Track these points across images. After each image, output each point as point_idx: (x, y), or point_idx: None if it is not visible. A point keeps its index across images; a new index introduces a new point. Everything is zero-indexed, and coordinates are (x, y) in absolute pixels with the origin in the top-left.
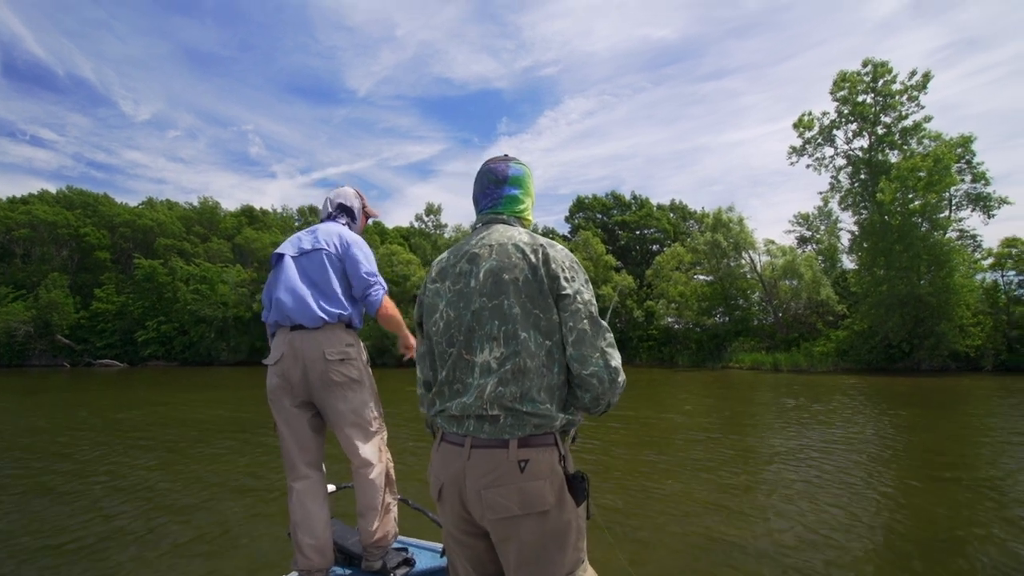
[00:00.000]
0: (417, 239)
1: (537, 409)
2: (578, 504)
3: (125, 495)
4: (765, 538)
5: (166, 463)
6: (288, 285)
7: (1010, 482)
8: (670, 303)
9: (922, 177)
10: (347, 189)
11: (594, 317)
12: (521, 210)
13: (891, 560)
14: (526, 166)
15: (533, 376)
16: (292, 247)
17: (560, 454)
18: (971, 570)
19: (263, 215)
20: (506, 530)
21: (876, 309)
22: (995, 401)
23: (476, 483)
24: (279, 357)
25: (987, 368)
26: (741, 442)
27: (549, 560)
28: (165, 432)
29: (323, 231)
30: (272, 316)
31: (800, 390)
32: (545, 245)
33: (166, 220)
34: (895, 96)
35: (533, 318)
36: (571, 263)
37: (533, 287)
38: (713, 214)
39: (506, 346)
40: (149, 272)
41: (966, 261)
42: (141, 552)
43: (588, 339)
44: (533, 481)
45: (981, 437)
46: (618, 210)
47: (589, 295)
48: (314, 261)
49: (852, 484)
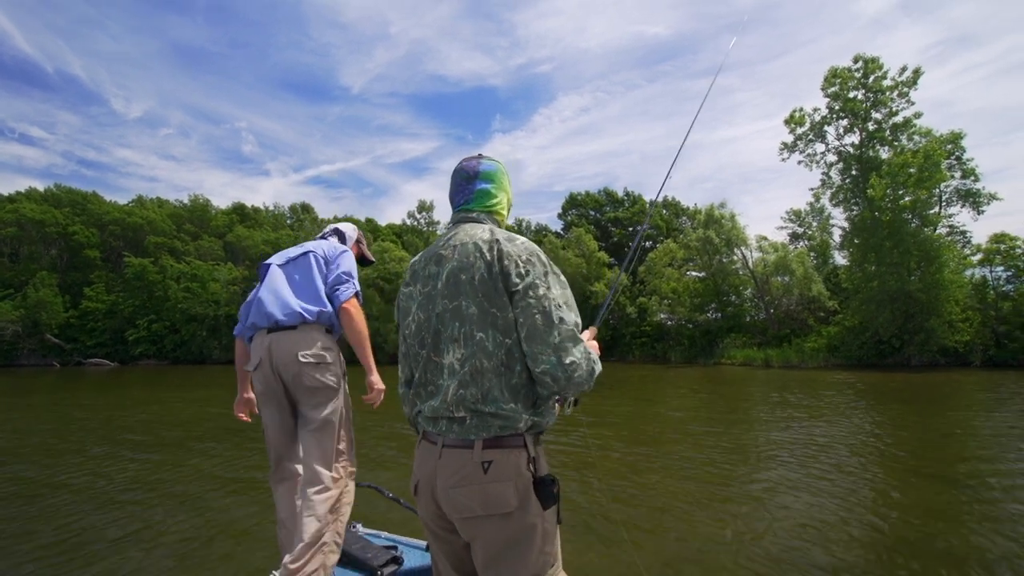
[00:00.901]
0: (410, 236)
1: (499, 410)
2: (545, 508)
3: (121, 494)
4: (750, 534)
5: (162, 462)
6: (271, 286)
7: (995, 479)
8: (663, 300)
9: (912, 173)
10: (347, 223)
11: (547, 312)
12: (492, 204)
13: (875, 556)
14: (500, 163)
15: (491, 376)
16: (279, 257)
17: (529, 456)
18: (955, 566)
19: (255, 213)
20: (471, 530)
21: (867, 305)
22: (983, 396)
23: (445, 482)
24: (258, 362)
25: (975, 363)
26: (730, 438)
27: (512, 562)
28: (164, 431)
29: (312, 243)
30: (251, 319)
31: (791, 386)
32: (502, 240)
33: (156, 218)
34: (886, 92)
35: (491, 317)
36: (528, 256)
37: (489, 285)
38: (705, 211)
39: (465, 347)
40: (139, 270)
41: (955, 257)
42: (135, 552)
43: (539, 335)
44: (496, 483)
45: (969, 433)
46: (611, 207)
47: (546, 289)
48: (300, 264)
49: (840, 480)
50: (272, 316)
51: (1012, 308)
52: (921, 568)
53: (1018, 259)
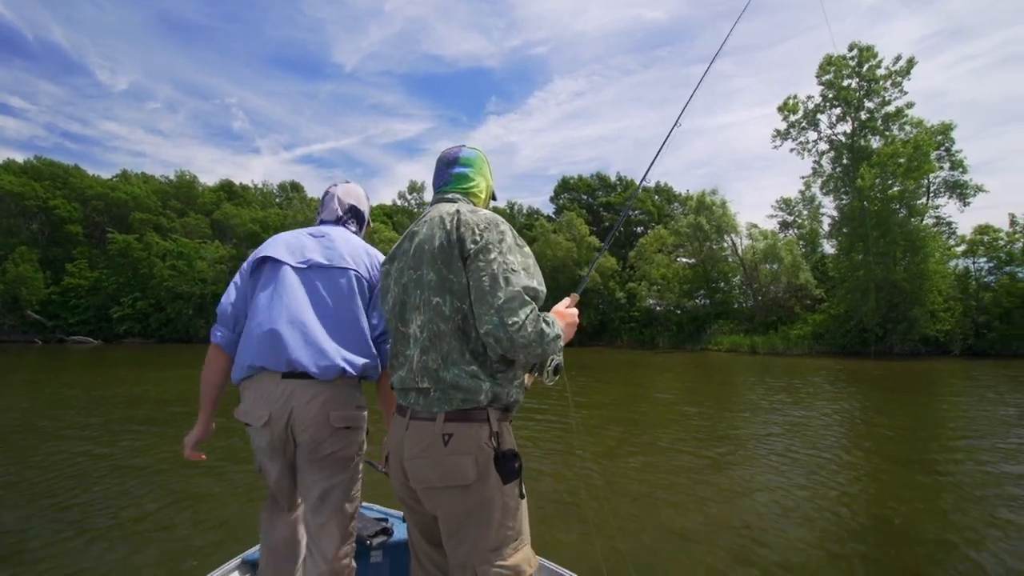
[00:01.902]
0: (400, 217)
1: (460, 377)
2: (505, 482)
3: (113, 478)
4: (724, 521)
5: (154, 442)
6: (293, 313)
7: (971, 466)
8: (652, 285)
9: (902, 164)
10: (358, 188)
11: (495, 274)
12: (469, 187)
13: (849, 542)
14: (480, 151)
15: (449, 339)
16: (293, 253)
17: (491, 431)
18: (930, 549)
19: (243, 191)
20: (431, 500)
21: (852, 294)
22: (962, 385)
23: (408, 452)
24: (267, 418)
25: (955, 352)
26: (712, 424)
27: (471, 535)
28: (158, 409)
29: (343, 241)
30: (251, 354)
31: (775, 373)
32: (463, 211)
33: (141, 194)
34: (879, 81)
35: (447, 283)
36: (486, 224)
37: (447, 252)
38: (696, 197)
39: (424, 314)
40: (124, 247)
41: (940, 248)
42: (113, 538)
43: (483, 296)
44: (455, 455)
45: (945, 422)
46: (603, 191)
47: (498, 253)
48: (335, 283)
49: (818, 467)
50: (298, 363)
51: (992, 299)
52: (898, 553)
53: (1000, 251)
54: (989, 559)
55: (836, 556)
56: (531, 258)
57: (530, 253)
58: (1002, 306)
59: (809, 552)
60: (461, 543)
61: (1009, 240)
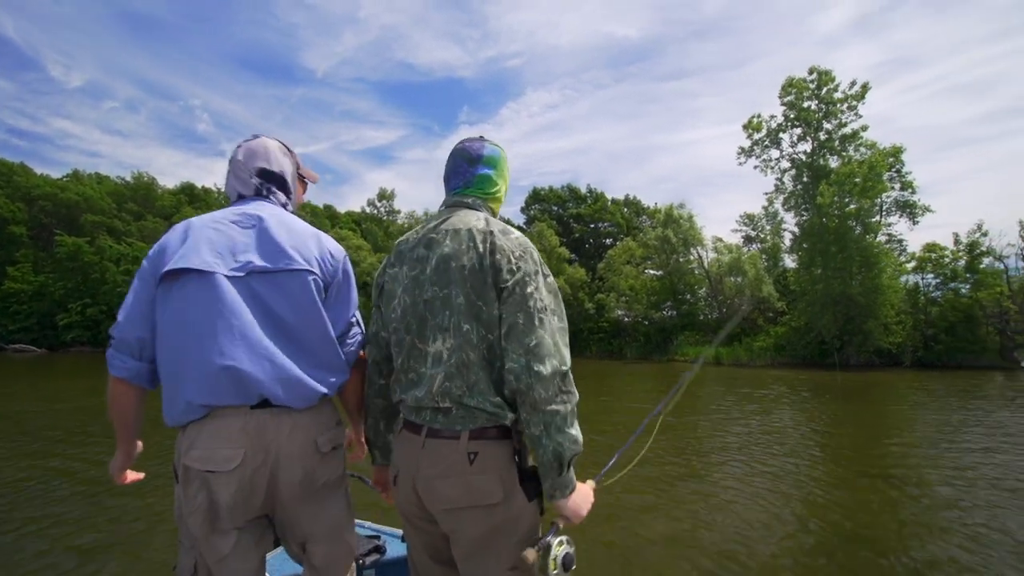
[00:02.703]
0: (369, 224)
1: (485, 404)
2: (529, 500)
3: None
4: (686, 533)
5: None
6: (251, 342)
7: (920, 475)
8: (620, 296)
9: (857, 183)
10: (265, 142)
11: (531, 312)
12: (493, 192)
13: (808, 552)
14: (502, 148)
15: (477, 370)
16: (222, 256)
17: (515, 448)
18: (884, 563)
19: (205, 194)
20: (453, 521)
21: (812, 307)
22: (913, 396)
23: (427, 472)
24: (240, 459)
25: (906, 364)
26: (676, 435)
27: (495, 553)
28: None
29: (281, 228)
30: (201, 393)
31: (739, 383)
32: (496, 233)
33: (94, 195)
34: (836, 104)
35: (476, 309)
36: (521, 253)
37: (479, 278)
38: (664, 210)
39: (453, 338)
40: (73, 250)
41: (893, 264)
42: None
43: (516, 334)
44: (481, 474)
45: (898, 431)
46: (573, 203)
47: (535, 288)
48: (286, 293)
49: (777, 476)
50: (272, 397)
51: (939, 313)
52: (850, 561)
53: (946, 268)
54: (942, 558)
55: (800, 566)
56: (556, 292)
57: (554, 283)
58: (948, 320)
59: (773, 562)
60: (481, 563)
61: (954, 258)
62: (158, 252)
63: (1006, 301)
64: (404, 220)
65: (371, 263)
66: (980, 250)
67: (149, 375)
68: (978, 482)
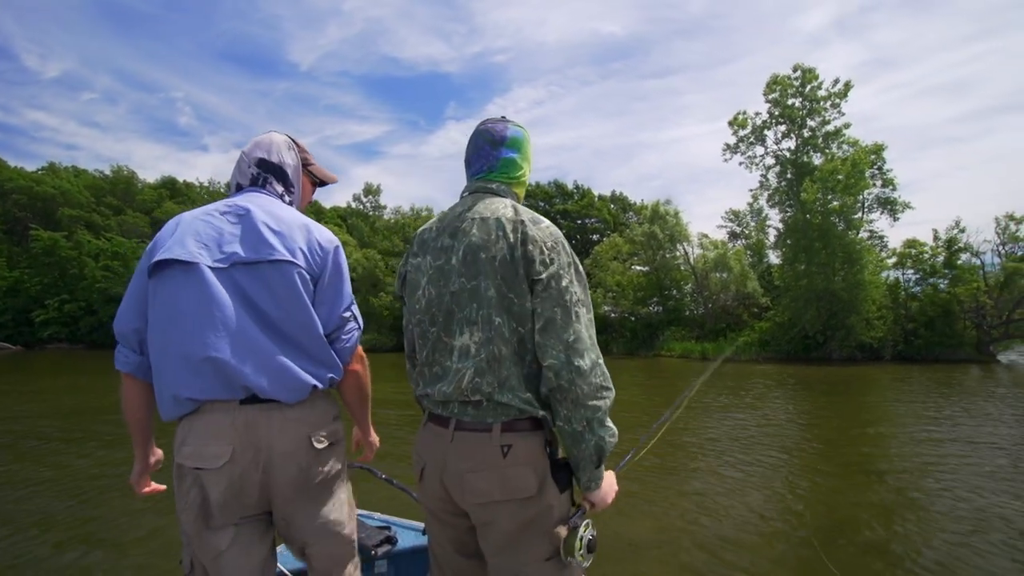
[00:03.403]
0: (354, 220)
1: (515, 400)
2: (561, 491)
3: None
4: (670, 528)
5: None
6: (234, 332)
7: (900, 465)
8: (607, 292)
9: (840, 180)
10: (273, 136)
11: (568, 307)
12: (518, 176)
13: (791, 544)
14: (525, 129)
15: (509, 364)
16: (207, 247)
17: (546, 440)
18: (867, 551)
19: (187, 188)
20: (486, 514)
21: (795, 302)
22: (893, 389)
23: (458, 466)
24: (228, 456)
25: (887, 358)
26: (667, 429)
27: (529, 545)
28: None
29: (268, 218)
30: (186, 386)
31: (724, 378)
32: (527, 222)
33: (71, 189)
34: (820, 102)
35: (507, 302)
36: (553, 243)
37: (510, 269)
38: (651, 206)
39: (483, 331)
40: (49, 245)
41: (874, 260)
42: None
43: (554, 329)
44: (515, 467)
45: (879, 424)
46: (560, 199)
47: (569, 281)
48: (268, 285)
49: (761, 471)
50: (259, 390)
51: (919, 308)
52: (834, 554)
53: (925, 263)
54: (923, 550)
55: (784, 559)
56: (586, 284)
57: (584, 275)
58: (927, 315)
59: (758, 557)
60: (516, 555)
61: (933, 254)
62: (152, 246)
63: (982, 296)
64: (390, 215)
65: (356, 259)
66: (958, 246)
67: (149, 369)
68: (960, 470)
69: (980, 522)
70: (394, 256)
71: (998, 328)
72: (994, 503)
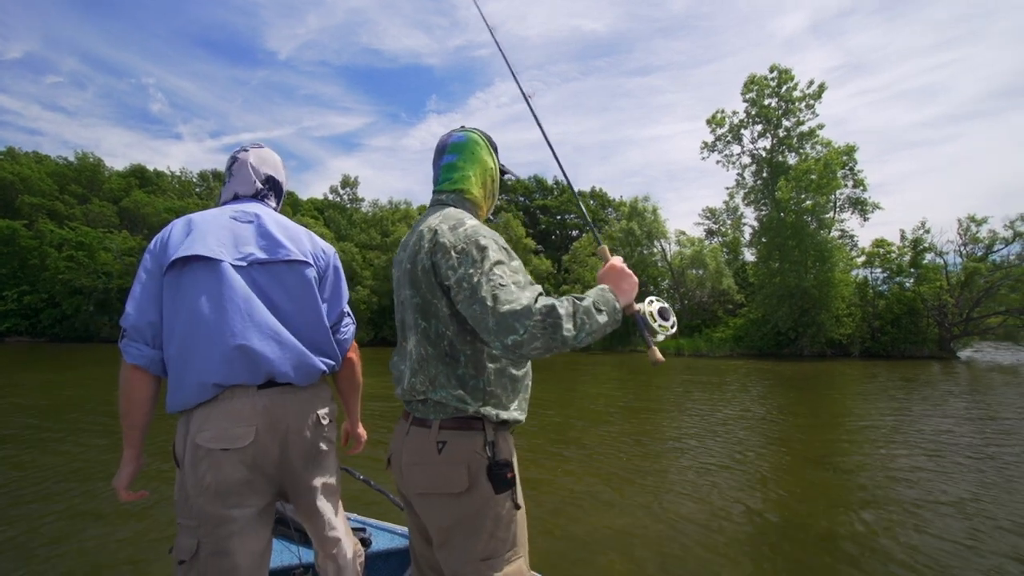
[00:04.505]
0: (332, 212)
1: (449, 398)
2: (497, 492)
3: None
4: (637, 525)
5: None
6: (260, 322)
7: (867, 459)
8: (585, 288)
9: (813, 180)
10: (274, 155)
11: (482, 299)
12: (456, 178)
13: (759, 541)
14: (475, 133)
15: (436, 363)
16: (226, 246)
17: (486, 440)
18: (833, 547)
19: (157, 177)
20: (424, 506)
21: (769, 299)
22: (861, 385)
23: (406, 459)
24: (252, 436)
25: (855, 354)
26: (636, 425)
27: (460, 544)
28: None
29: (277, 225)
30: (214, 373)
31: (698, 374)
32: (439, 232)
33: (32, 175)
34: (795, 102)
35: (432, 307)
36: (463, 246)
37: (428, 277)
38: (630, 203)
39: (416, 335)
40: (8, 234)
41: (844, 258)
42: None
43: (480, 324)
44: (448, 463)
45: (847, 419)
46: (540, 194)
47: (480, 275)
48: (284, 282)
49: (730, 466)
50: (280, 375)
51: (885, 306)
52: (799, 551)
53: (892, 262)
54: (894, 547)
55: (750, 554)
56: (514, 260)
57: (511, 255)
58: (893, 312)
59: (724, 553)
60: (452, 552)
61: (900, 253)
62: (161, 245)
63: (945, 295)
64: (368, 208)
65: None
66: (923, 246)
67: (162, 364)
68: (921, 467)
69: (936, 514)
70: (371, 249)
71: (959, 326)
72: (952, 489)
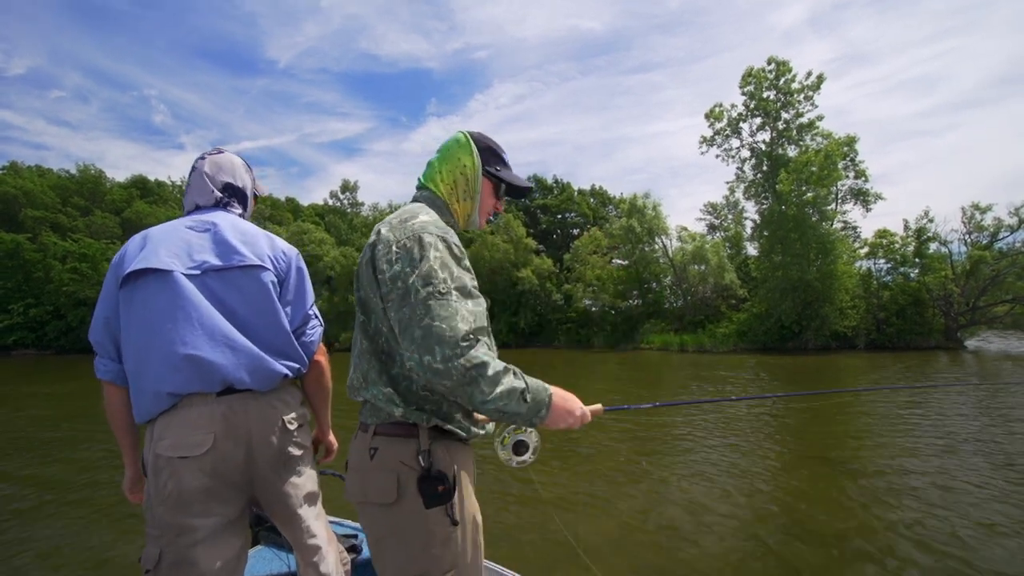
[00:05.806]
0: (332, 217)
1: (377, 398)
2: (429, 506)
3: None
4: (635, 526)
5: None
6: (210, 329)
7: (872, 457)
8: (587, 286)
9: (814, 171)
10: (231, 158)
11: (415, 304)
12: (426, 175)
13: (753, 541)
14: (462, 134)
15: (370, 357)
16: (178, 256)
17: (420, 448)
18: (838, 548)
19: (158, 187)
20: (361, 516)
21: (772, 293)
22: (866, 378)
23: (349, 464)
24: (210, 443)
25: (860, 346)
26: (638, 423)
27: (391, 558)
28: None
29: (234, 231)
30: (167, 382)
31: (702, 370)
32: (382, 228)
33: (35, 188)
34: (794, 94)
35: (372, 303)
36: (407, 241)
37: (369, 270)
38: (629, 200)
39: (357, 329)
40: (12, 247)
41: (847, 250)
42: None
43: (405, 329)
44: (378, 471)
45: (851, 415)
46: (540, 194)
47: (417, 278)
48: (238, 287)
49: (731, 465)
50: (236, 382)
51: (890, 297)
52: (799, 550)
53: (896, 253)
54: (899, 548)
55: (762, 553)
56: (467, 272)
57: (467, 266)
58: (898, 303)
59: (724, 554)
60: (384, 565)
61: (903, 244)
62: (119, 259)
63: (950, 284)
64: (368, 212)
65: (334, 256)
66: (927, 236)
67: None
68: (929, 460)
69: (940, 507)
70: None
71: (965, 315)
72: (959, 485)
